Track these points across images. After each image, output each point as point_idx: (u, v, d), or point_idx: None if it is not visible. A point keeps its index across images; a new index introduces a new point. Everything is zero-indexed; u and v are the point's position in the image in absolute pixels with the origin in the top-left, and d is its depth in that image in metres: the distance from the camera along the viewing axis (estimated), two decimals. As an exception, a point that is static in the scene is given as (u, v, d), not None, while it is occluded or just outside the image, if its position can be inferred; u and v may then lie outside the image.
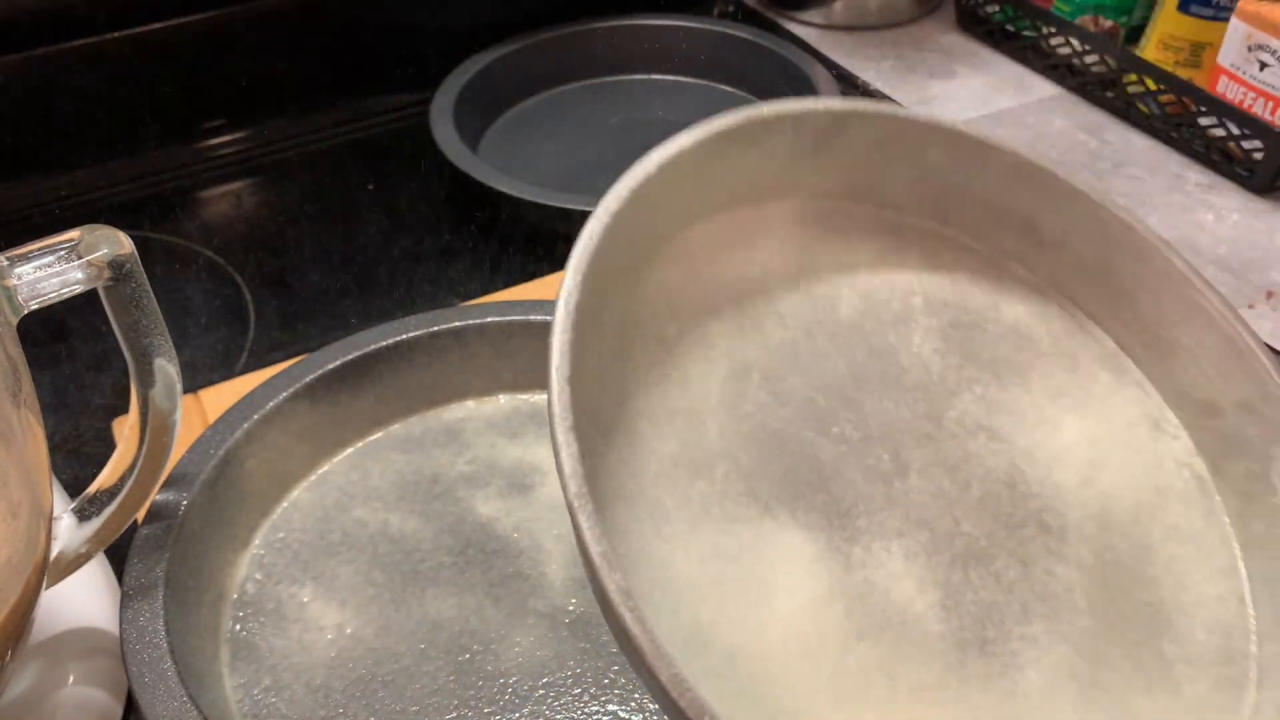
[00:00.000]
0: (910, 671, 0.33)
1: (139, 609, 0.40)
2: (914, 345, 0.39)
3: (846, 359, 0.38)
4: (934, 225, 0.41)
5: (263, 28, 0.79)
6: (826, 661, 0.33)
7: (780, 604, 0.33)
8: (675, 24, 0.85)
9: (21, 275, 0.35)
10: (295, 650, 0.44)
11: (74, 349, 0.63)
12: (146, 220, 0.73)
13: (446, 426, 0.52)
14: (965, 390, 0.39)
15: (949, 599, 0.35)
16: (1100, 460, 0.39)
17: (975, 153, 0.39)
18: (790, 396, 0.37)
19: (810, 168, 0.39)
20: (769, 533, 0.34)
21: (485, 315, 0.51)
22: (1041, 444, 0.39)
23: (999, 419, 0.39)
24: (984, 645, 0.35)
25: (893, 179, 0.40)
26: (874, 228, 0.41)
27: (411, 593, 0.45)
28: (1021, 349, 0.40)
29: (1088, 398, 0.40)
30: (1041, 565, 0.36)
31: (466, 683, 0.42)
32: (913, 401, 0.38)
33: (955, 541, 0.36)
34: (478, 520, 0.48)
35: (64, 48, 0.73)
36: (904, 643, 0.34)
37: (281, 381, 0.48)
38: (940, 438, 0.38)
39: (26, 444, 0.36)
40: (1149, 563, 0.37)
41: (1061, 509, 0.38)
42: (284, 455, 0.48)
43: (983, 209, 0.41)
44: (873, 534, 0.35)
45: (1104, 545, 0.37)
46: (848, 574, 0.34)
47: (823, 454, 0.36)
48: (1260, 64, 0.69)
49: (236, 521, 0.46)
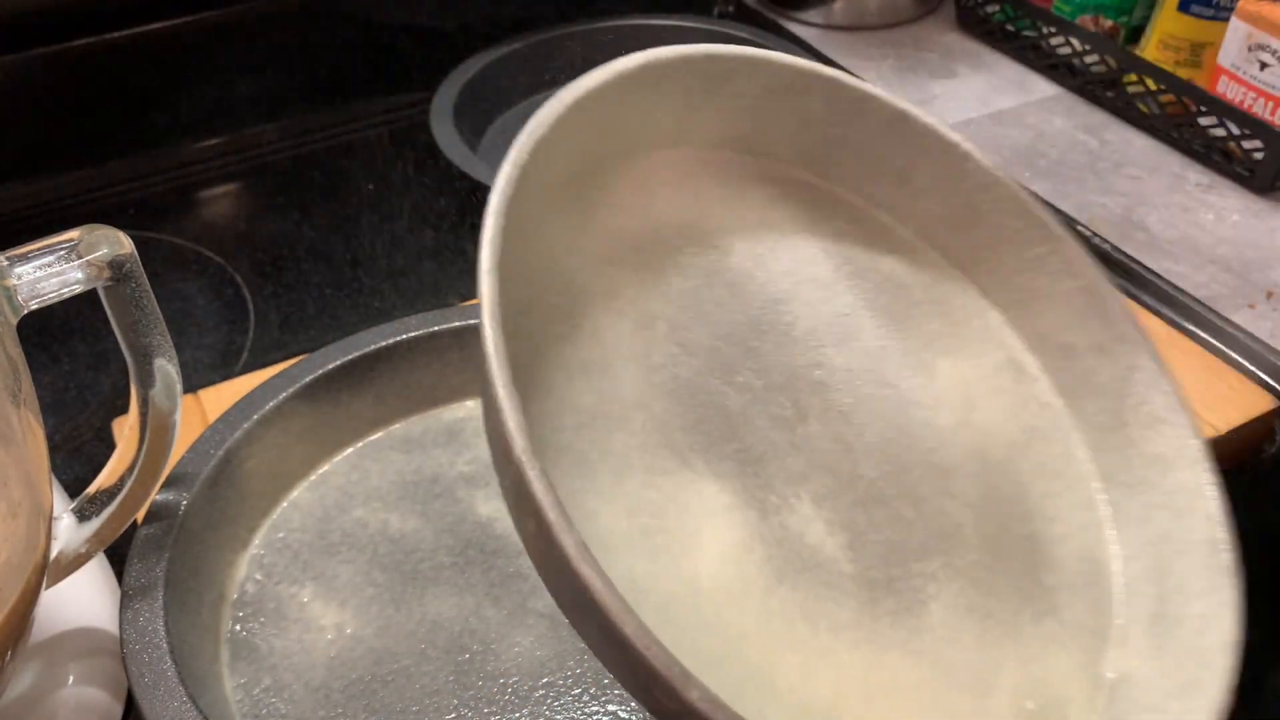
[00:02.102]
0: (828, 612, 0.35)
1: (139, 609, 0.40)
2: (802, 295, 0.40)
3: (743, 308, 0.39)
4: (814, 178, 0.42)
5: (263, 27, 0.79)
6: (751, 607, 0.34)
7: (705, 553, 0.34)
8: (675, 24, 0.85)
9: (21, 275, 0.35)
10: (295, 650, 0.43)
11: (74, 349, 0.63)
12: (146, 220, 0.73)
13: (446, 426, 0.52)
14: (851, 338, 0.40)
15: (856, 540, 0.36)
16: (973, 402, 0.41)
17: (853, 103, 0.40)
18: (696, 346, 0.38)
19: (700, 117, 0.39)
20: (688, 483, 0.35)
21: (485, 315, 0.51)
22: (923, 387, 0.40)
23: (883, 365, 0.40)
24: (890, 583, 0.36)
25: (778, 129, 0.41)
26: (760, 178, 0.42)
27: (411, 593, 0.45)
28: (898, 298, 0.42)
29: (958, 343, 0.42)
30: (933, 504, 0.38)
31: (466, 683, 0.42)
32: (805, 349, 0.39)
33: (857, 484, 0.37)
34: (478, 520, 0.48)
35: (64, 48, 0.73)
36: (819, 584, 0.35)
37: (281, 381, 0.48)
38: (833, 384, 0.39)
39: (26, 444, 0.36)
40: (1024, 498, 0.39)
41: (945, 450, 0.39)
42: (284, 455, 0.48)
43: (859, 160, 0.42)
44: (783, 480, 0.36)
45: (986, 483, 0.39)
46: (763, 520, 0.35)
47: (730, 403, 0.37)
48: (1260, 64, 0.69)
49: (236, 522, 0.46)
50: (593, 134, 0.36)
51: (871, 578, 0.36)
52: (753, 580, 0.34)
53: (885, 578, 0.36)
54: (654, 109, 0.38)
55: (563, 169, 0.36)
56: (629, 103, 0.37)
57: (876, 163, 0.42)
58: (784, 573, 0.35)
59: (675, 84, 0.38)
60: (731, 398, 0.37)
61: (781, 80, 0.39)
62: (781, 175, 0.42)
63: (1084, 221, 0.68)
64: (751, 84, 0.39)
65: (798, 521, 0.36)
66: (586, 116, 0.35)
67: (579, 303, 0.37)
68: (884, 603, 0.36)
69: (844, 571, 0.36)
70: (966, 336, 0.42)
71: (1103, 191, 0.73)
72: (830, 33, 0.91)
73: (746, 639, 0.33)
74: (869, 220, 0.43)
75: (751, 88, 0.39)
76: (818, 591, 0.35)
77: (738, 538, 0.35)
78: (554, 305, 0.36)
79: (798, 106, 0.40)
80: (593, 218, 0.38)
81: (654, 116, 0.38)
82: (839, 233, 0.42)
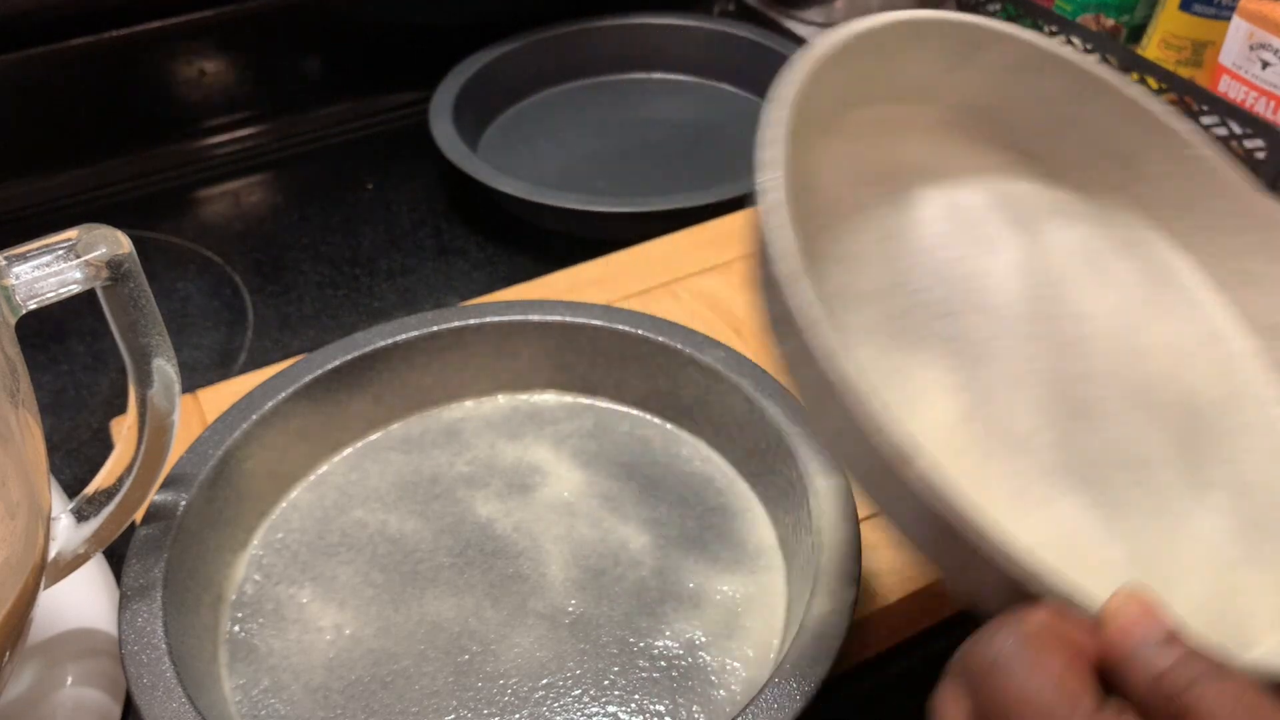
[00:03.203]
0: (1033, 491, 0.38)
1: (137, 610, 0.40)
2: (1038, 243, 0.44)
3: (980, 246, 0.43)
4: (1048, 147, 0.46)
5: (263, 27, 0.79)
6: (968, 465, 0.37)
7: (922, 420, 0.37)
8: (675, 24, 0.85)
9: (19, 275, 0.35)
10: (294, 651, 0.43)
11: (72, 349, 0.63)
12: (145, 220, 0.73)
13: (446, 427, 0.52)
14: (1075, 288, 0.43)
15: (1062, 440, 0.39)
16: (1187, 359, 0.44)
17: (1090, 87, 0.44)
18: (938, 268, 0.42)
19: (952, 79, 0.44)
20: (918, 363, 0.39)
21: (484, 315, 0.51)
22: (1145, 339, 0.43)
23: (1112, 314, 0.43)
24: (1088, 484, 0.39)
25: (1018, 103, 0.45)
26: (998, 143, 0.46)
27: (411, 593, 0.45)
28: (1118, 260, 0.45)
29: (1175, 308, 0.45)
30: (1139, 430, 0.41)
31: (466, 684, 0.42)
32: (1033, 289, 0.42)
33: (1070, 398, 0.40)
34: (477, 521, 0.48)
35: (64, 47, 0.73)
36: (1027, 465, 0.38)
37: (280, 382, 0.48)
38: (1058, 318, 0.42)
39: (24, 444, 0.36)
40: (1222, 446, 0.42)
41: (1156, 391, 0.42)
42: (282, 456, 0.48)
43: (1089, 140, 0.46)
44: (1005, 380, 0.40)
45: (1189, 428, 0.42)
46: (978, 407, 0.39)
47: (967, 311, 0.41)
48: (1262, 63, 0.68)
49: (235, 522, 0.46)
50: (861, 72, 0.41)
51: (1074, 471, 0.38)
52: (965, 449, 0.37)
53: (1083, 479, 0.38)
54: (913, 63, 0.42)
55: (830, 97, 0.40)
56: (895, 51, 0.41)
57: (1106, 144, 0.46)
58: (993, 451, 0.38)
59: (935, 44, 0.42)
60: (967, 311, 0.41)
61: (1026, 57, 0.44)
62: (1017, 145, 0.46)
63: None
64: (1000, 57, 0.43)
65: (1010, 414, 0.39)
66: (859, 54, 0.40)
67: (833, 208, 0.41)
68: (1083, 493, 0.38)
69: (1048, 460, 0.38)
70: (1181, 305, 0.45)
71: (1104, 191, 0.72)
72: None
73: (977, 487, 0.36)
74: (1098, 193, 0.46)
75: (999, 60, 0.43)
76: (1023, 468, 0.38)
77: (953, 414, 0.38)
78: (812, 205, 0.39)
79: (1037, 84, 0.44)
80: (848, 144, 0.42)
81: (912, 70, 0.43)
82: (1071, 200, 0.46)
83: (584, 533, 0.47)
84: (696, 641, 0.43)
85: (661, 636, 0.44)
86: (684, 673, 0.42)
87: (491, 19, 0.83)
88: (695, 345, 0.50)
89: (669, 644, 0.43)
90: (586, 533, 0.47)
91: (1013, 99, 0.45)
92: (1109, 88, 0.44)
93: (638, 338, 0.50)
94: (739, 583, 0.45)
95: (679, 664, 0.43)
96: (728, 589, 0.45)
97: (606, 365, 0.52)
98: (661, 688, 0.42)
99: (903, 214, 0.42)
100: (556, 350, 0.52)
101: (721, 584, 0.45)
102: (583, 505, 0.49)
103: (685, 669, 0.43)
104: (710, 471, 0.50)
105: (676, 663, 0.43)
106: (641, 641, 0.44)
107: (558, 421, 0.52)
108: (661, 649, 0.43)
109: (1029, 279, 0.42)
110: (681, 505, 0.48)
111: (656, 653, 0.43)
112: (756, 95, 0.81)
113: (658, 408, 0.52)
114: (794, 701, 0.37)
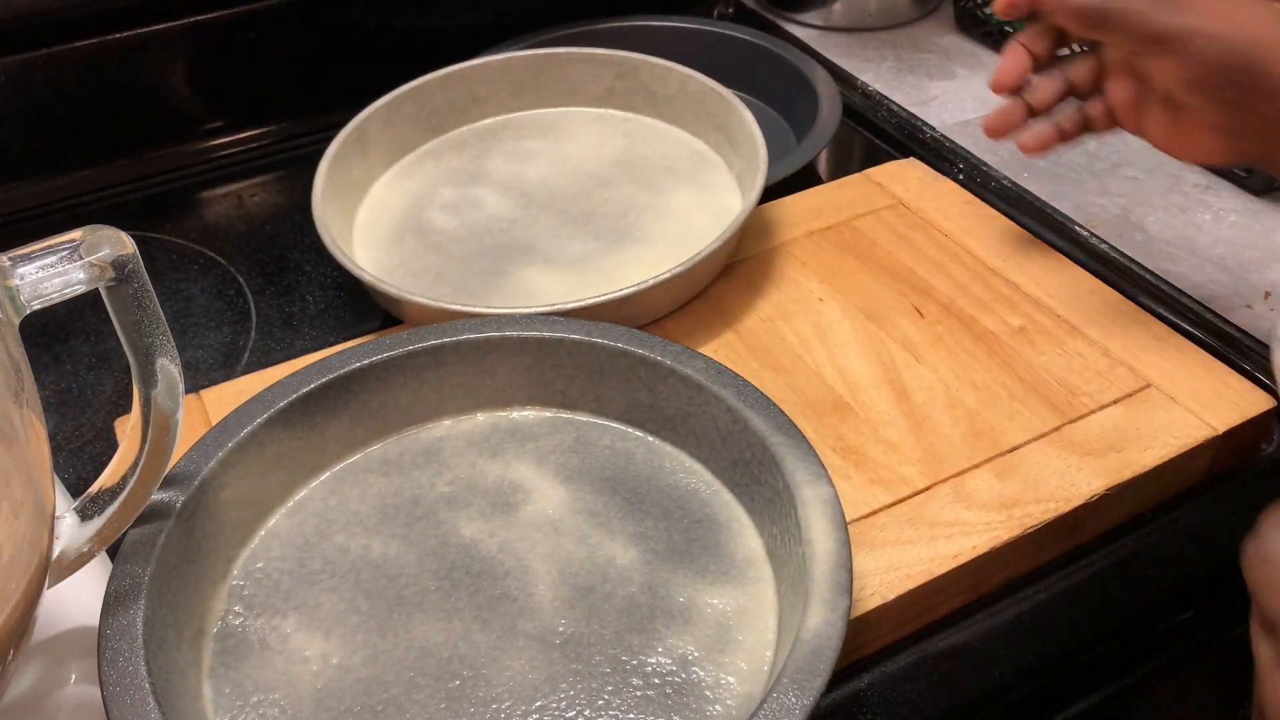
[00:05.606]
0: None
1: (119, 651, 0.39)
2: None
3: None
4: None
5: (264, 28, 0.79)
6: None
7: None
8: (675, 24, 0.84)
9: (24, 275, 0.36)
10: (281, 683, 0.42)
11: (76, 349, 0.63)
12: (149, 220, 0.73)
13: (425, 447, 0.51)
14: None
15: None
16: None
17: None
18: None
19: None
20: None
21: (461, 333, 0.50)
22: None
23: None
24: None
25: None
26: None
27: (397, 619, 0.44)
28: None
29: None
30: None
31: (459, 710, 0.41)
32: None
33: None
34: (461, 542, 0.47)
35: (64, 48, 0.74)
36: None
37: (254, 408, 0.47)
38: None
39: (29, 443, 0.36)
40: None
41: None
42: (260, 483, 0.47)
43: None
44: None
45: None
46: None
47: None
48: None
49: (214, 553, 0.45)
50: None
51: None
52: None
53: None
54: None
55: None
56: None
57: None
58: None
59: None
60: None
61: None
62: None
63: (1082, 222, 0.68)
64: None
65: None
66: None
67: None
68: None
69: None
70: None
71: (1101, 192, 0.72)
72: (829, 34, 0.91)
73: None
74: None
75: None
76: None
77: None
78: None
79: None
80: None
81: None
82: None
83: (570, 550, 0.46)
84: (689, 657, 0.42)
85: (654, 653, 0.43)
86: (678, 689, 0.41)
87: (492, 22, 0.83)
88: (676, 357, 0.49)
89: (662, 660, 0.42)
90: (573, 550, 0.46)
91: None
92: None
93: (617, 350, 0.50)
94: (729, 595, 0.44)
95: (673, 681, 0.42)
96: (718, 602, 0.44)
97: (586, 379, 0.51)
98: (657, 706, 0.41)
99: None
100: (535, 365, 0.51)
101: (711, 597, 0.44)
102: (568, 522, 0.48)
103: (679, 685, 0.42)
104: (694, 484, 0.49)
105: (670, 680, 0.42)
106: (634, 659, 0.43)
107: (538, 438, 0.51)
108: (654, 666, 0.42)
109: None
110: (667, 518, 0.47)
111: (650, 670, 0.42)
112: (756, 97, 0.80)
113: (639, 421, 0.51)
114: (793, 715, 0.36)
